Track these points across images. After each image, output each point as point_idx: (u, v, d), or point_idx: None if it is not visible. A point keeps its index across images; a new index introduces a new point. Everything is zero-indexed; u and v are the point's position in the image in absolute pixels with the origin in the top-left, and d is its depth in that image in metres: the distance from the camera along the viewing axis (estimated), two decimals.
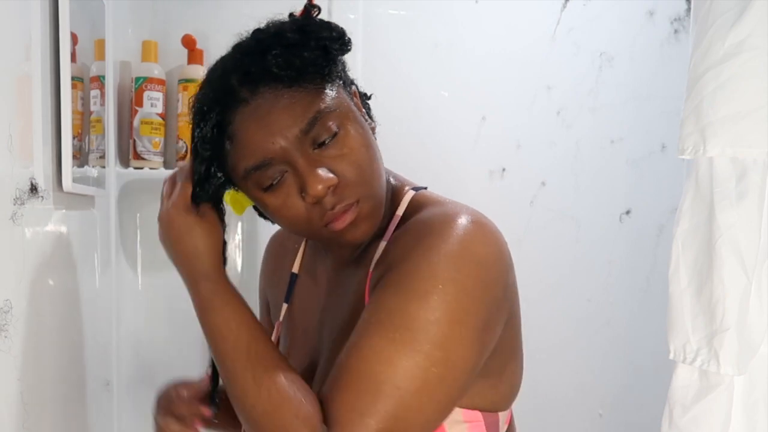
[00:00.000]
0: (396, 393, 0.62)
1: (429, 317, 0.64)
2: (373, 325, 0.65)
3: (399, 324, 0.64)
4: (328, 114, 0.69)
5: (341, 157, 0.69)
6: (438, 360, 0.63)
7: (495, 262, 0.69)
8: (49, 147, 0.87)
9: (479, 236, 0.69)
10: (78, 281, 1.02)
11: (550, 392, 1.57)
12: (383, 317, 0.65)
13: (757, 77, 0.80)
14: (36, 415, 0.79)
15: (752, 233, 0.82)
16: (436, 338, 0.63)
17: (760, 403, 0.85)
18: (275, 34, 0.70)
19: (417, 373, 0.63)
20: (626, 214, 1.61)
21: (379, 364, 0.63)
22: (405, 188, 0.79)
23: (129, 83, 1.34)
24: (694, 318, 0.86)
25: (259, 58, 0.68)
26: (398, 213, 0.77)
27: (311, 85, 0.69)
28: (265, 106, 0.68)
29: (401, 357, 0.63)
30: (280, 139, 0.68)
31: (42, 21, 0.84)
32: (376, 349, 0.64)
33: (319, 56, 0.69)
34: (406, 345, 0.63)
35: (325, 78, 0.70)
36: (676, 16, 1.57)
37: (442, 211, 0.72)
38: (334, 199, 0.69)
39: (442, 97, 1.51)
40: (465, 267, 0.66)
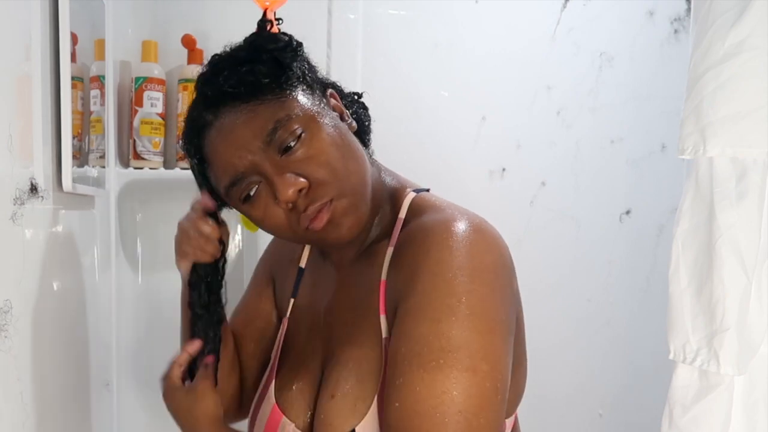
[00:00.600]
0: (461, 418, 0.61)
1: (463, 333, 0.63)
2: (414, 359, 0.64)
3: (438, 349, 0.63)
4: (288, 120, 0.71)
5: (309, 159, 0.71)
6: (486, 373, 0.63)
7: (501, 268, 0.70)
8: (49, 147, 0.87)
9: (483, 245, 0.69)
10: (78, 281, 1.02)
11: (550, 392, 1.57)
12: (420, 348, 0.64)
13: (757, 77, 0.80)
14: (36, 415, 0.79)
15: (752, 233, 0.82)
16: (477, 352, 0.63)
17: (760, 403, 0.85)
18: (227, 55, 0.75)
19: (474, 391, 0.62)
20: (626, 214, 1.61)
21: (436, 397, 0.62)
22: (406, 190, 0.80)
23: (129, 83, 1.34)
24: (694, 318, 0.86)
25: (214, 81, 0.73)
26: (401, 216, 0.77)
27: (269, 96, 0.72)
28: (228, 125, 0.72)
29: (452, 381, 0.62)
30: (246, 153, 0.71)
31: (42, 21, 0.84)
32: (426, 382, 0.62)
33: (271, 67, 0.72)
34: (453, 368, 0.62)
35: (283, 86, 0.72)
36: (676, 16, 1.57)
37: (443, 218, 0.72)
38: (307, 201, 0.71)
39: (442, 97, 1.51)
40: (478, 278, 0.66)
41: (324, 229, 0.72)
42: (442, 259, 0.67)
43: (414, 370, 0.63)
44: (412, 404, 0.62)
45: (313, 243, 0.77)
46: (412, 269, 0.68)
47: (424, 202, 0.77)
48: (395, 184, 0.81)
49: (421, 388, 0.62)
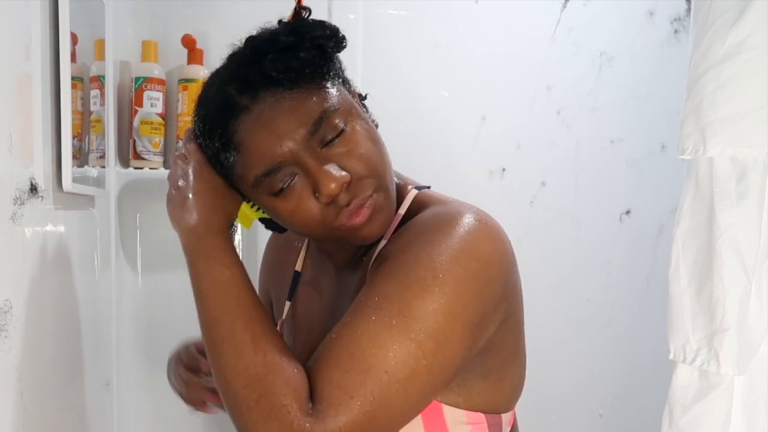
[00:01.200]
0: (384, 378, 0.62)
1: (426, 307, 0.63)
2: (370, 308, 0.64)
3: (396, 310, 0.63)
4: (332, 112, 0.69)
5: (349, 153, 0.69)
6: (429, 351, 0.63)
7: (497, 260, 0.69)
8: (49, 147, 0.87)
9: (483, 234, 0.69)
10: (78, 281, 1.02)
11: (550, 392, 1.57)
12: (380, 302, 0.64)
13: (757, 77, 0.80)
14: (36, 415, 0.79)
15: (752, 233, 0.82)
16: (431, 329, 0.63)
17: (760, 403, 0.85)
18: (269, 39, 0.70)
19: (408, 361, 0.62)
20: (626, 214, 1.61)
21: (372, 348, 0.62)
22: (408, 187, 0.80)
23: (129, 83, 1.34)
24: (694, 318, 0.86)
25: (256, 65, 0.68)
26: (400, 212, 0.76)
27: (312, 85, 0.69)
28: (269, 112, 0.68)
29: (394, 343, 0.62)
30: (288, 141, 0.68)
31: (42, 21, 0.84)
32: (370, 331, 0.63)
33: (315, 56, 0.70)
34: (401, 332, 0.63)
35: (324, 77, 0.71)
36: (676, 16, 1.57)
37: (446, 209, 0.72)
38: (349, 196, 0.69)
39: (442, 97, 1.51)
40: (465, 262, 0.66)
41: (363, 223, 0.71)
42: (434, 239, 0.67)
43: (365, 317, 0.64)
44: (348, 342, 0.63)
45: (340, 239, 0.74)
46: (400, 245, 0.69)
47: (428, 197, 0.77)
48: (398, 182, 0.81)
49: (363, 333, 0.63)
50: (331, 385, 0.62)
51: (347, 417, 0.60)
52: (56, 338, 0.90)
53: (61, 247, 0.93)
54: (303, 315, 0.86)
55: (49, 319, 0.86)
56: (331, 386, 0.62)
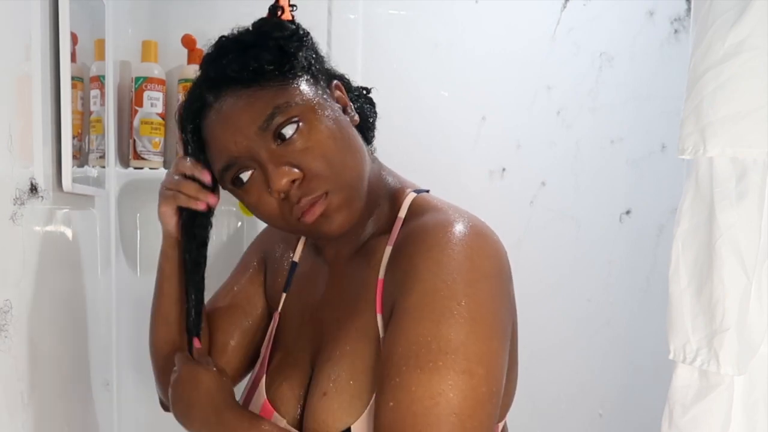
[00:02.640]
0: (456, 420, 0.61)
1: (461, 336, 0.63)
2: (411, 359, 0.64)
3: (436, 350, 0.63)
4: (287, 109, 0.70)
5: (306, 150, 0.70)
6: (482, 376, 0.63)
7: (500, 273, 0.70)
8: (49, 147, 0.87)
9: (484, 249, 0.69)
10: (78, 281, 1.02)
11: (550, 392, 1.57)
12: (418, 349, 0.64)
13: (757, 77, 0.81)
14: (36, 415, 0.79)
15: (752, 233, 0.82)
16: (474, 356, 0.63)
17: (760, 403, 0.85)
18: (234, 38, 0.74)
19: (469, 394, 0.62)
20: (626, 214, 1.61)
21: (431, 398, 0.62)
22: (406, 190, 0.80)
23: (129, 83, 1.34)
24: (694, 318, 0.86)
25: (218, 64, 0.73)
26: (400, 215, 0.77)
27: (271, 83, 0.71)
28: (227, 109, 0.72)
29: (450, 383, 0.62)
30: (241, 137, 0.71)
31: (42, 21, 0.84)
32: (423, 383, 0.62)
33: (276, 55, 0.71)
34: (450, 369, 0.62)
35: (286, 74, 0.72)
36: (676, 16, 1.57)
37: (444, 219, 0.71)
38: (300, 193, 0.71)
39: (442, 97, 1.51)
40: (478, 282, 0.67)
41: (316, 222, 0.72)
42: (442, 260, 0.66)
43: (411, 370, 0.63)
44: (408, 404, 0.62)
45: (305, 234, 0.77)
46: (410, 268, 0.68)
47: (425, 202, 0.77)
48: (395, 183, 0.81)
49: (416, 388, 0.62)
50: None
51: None
52: (56, 338, 0.90)
53: (61, 247, 0.93)
54: (298, 307, 0.86)
55: (49, 319, 0.86)
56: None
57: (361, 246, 0.79)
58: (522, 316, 0.78)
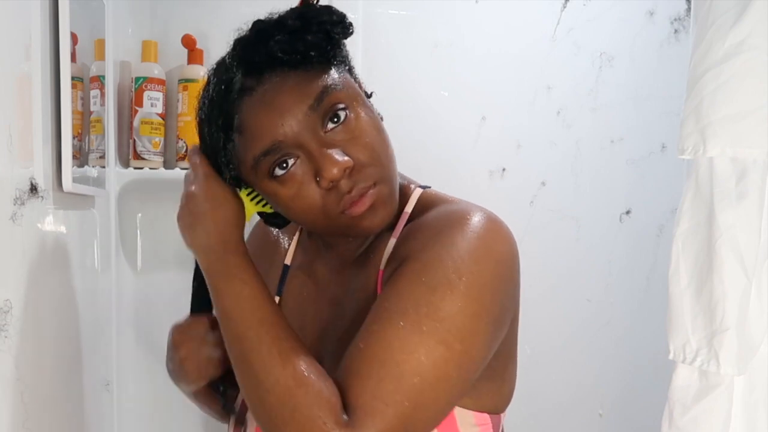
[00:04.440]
0: (417, 382, 0.62)
1: (452, 309, 0.64)
2: (397, 313, 0.64)
3: (424, 314, 0.63)
4: (335, 91, 0.68)
5: (354, 139, 0.68)
6: (457, 352, 0.63)
7: (512, 261, 0.70)
8: (49, 147, 0.87)
9: (498, 235, 0.69)
10: (78, 281, 1.02)
11: (550, 392, 1.57)
12: (407, 306, 0.64)
13: (757, 77, 0.80)
14: (36, 415, 0.79)
15: (752, 233, 0.82)
16: (458, 331, 0.64)
17: (760, 403, 0.85)
18: (276, 22, 0.69)
19: (438, 364, 0.63)
20: (626, 214, 1.61)
21: (403, 353, 0.62)
22: (411, 186, 0.79)
23: (129, 83, 1.34)
24: (693, 318, 0.86)
25: (262, 47, 0.67)
26: (407, 210, 0.76)
27: (317, 67, 0.69)
28: (272, 91, 0.68)
29: (425, 347, 0.62)
30: (290, 118, 0.67)
31: (42, 21, 0.84)
32: (400, 337, 0.63)
33: (321, 39, 0.68)
34: (431, 336, 0.63)
35: (330, 61, 0.70)
36: (676, 16, 1.57)
37: (457, 208, 0.72)
38: (351, 183, 0.68)
39: (442, 97, 1.51)
40: (485, 263, 0.66)
41: (362, 215, 0.69)
42: (454, 239, 0.67)
43: (394, 323, 0.64)
44: (378, 350, 0.63)
45: (338, 230, 0.72)
46: (419, 245, 0.68)
47: (435, 196, 0.77)
48: (401, 180, 0.80)
49: (393, 339, 0.63)
50: (365, 394, 0.62)
51: (383, 425, 0.60)
52: (56, 338, 0.90)
53: (61, 247, 0.93)
54: (294, 311, 0.85)
55: (49, 319, 0.86)
56: (365, 396, 0.62)
57: (368, 245, 0.78)
58: (522, 316, 0.78)
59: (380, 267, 0.73)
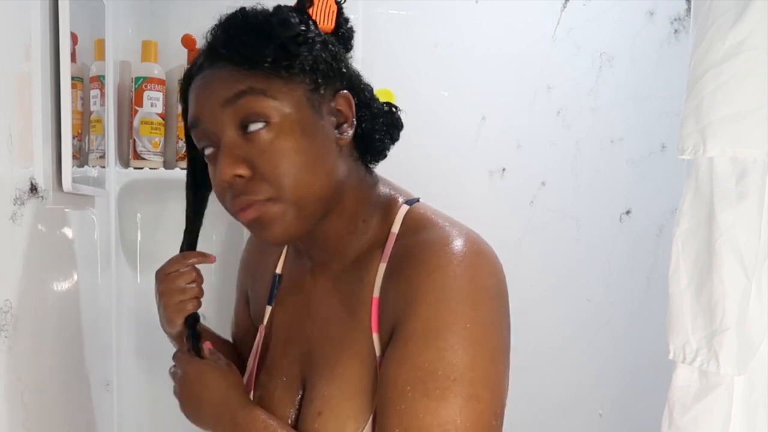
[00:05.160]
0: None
1: (466, 361, 0.64)
2: (418, 385, 0.64)
3: (442, 377, 0.63)
4: (254, 99, 0.68)
5: (264, 153, 0.68)
6: (488, 400, 0.64)
7: (500, 292, 0.70)
8: (49, 147, 0.87)
9: (485, 269, 0.69)
10: (78, 281, 1.02)
11: (550, 392, 1.57)
12: (424, 375, 0.64)
13: (757, 77, 0.81)
14: (36, 415, 0.79)
15: (752, 233, 0.82)
16: (479, 380, 0.64)
17: (760, 403, 0.85)
18: (245, 16, 0.72)
19: (476, 419, 0.63)
20: (626, 214, 1.61)
21: (441, 426, 0.62)
22: (398, 202, 0.78)
23: (129, 83, 1.34)
24: (693, 318, 0.86)
25: (220, 35, 0.73)
26: (393, 230, 0.75)
27: (259, 72, 0.68)
28: (210, 76, 0.71)
29: (457, 409, 0.62)
30: (209, 107, 0.70)
31: (42, 21, 0.84)
32: (431, 410, 0.62)
33: (276, 52, 0.69)
34: (458, 396, 0.63)
35: (280, 72, 0.69)
36: (676, 16, 1.57)
37: (443, 237, 0.70)
38: (242, 189, 0.69)
39: (442, 97, 1.51)
40: (481, 304, 0.66)
41: (249, 224, 0.71)
42: (445, 284, 0.66)
43: (418, 397, 0.63)
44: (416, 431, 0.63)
45: None
46: (412, 291, 0.67)
47: (420, 216, 0.75)
48: (388, 194, 0.79)
49: (425, 415, 0.62)
50: None
51: None
52: (56, 338, 0.90)
53: (61, 247, 0.93)
54: (283, 321, 0.85)
55: (49, 319, 0.86)
56: None
57: (353, 261, 0.77)
58: (522, 317, 0.78)
59: (374, 294, 0.72)
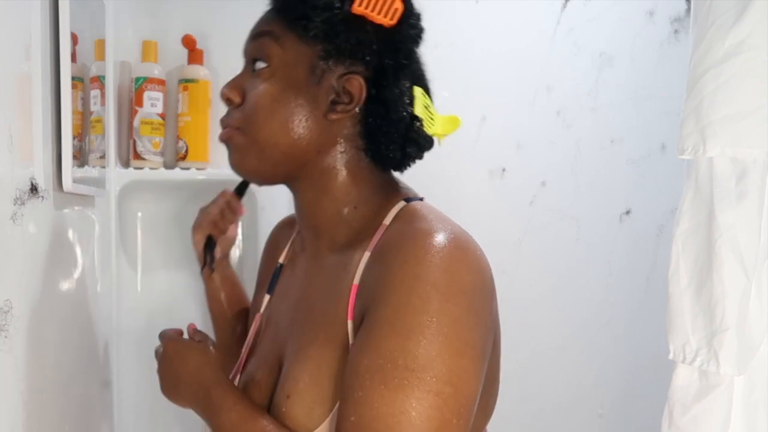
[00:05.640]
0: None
1: (430, 353, 0.61)
2: (377, 374, 0.62)
3: (403, 367, 0.61)
4: (272, 42, 0.76)
5: (253, 88, 0.76)
6: (450, 396, 0.61)
7: (480, 289, 0.67)
8: (49, 147, 0.87)
9: (464, 263, 0.66)
10: (78, 281, 1.02)
11: (550, 392, 1.57)
12: (384, 363, 0.62)
13: (757, 77, 0.81)
14: (36, 415, 0.79)
15: (752, 233, 0.82)
16: (443, 374, 0.61)
17: (760, 403, 0.85)
18: None
19: (433, 414, 0.60)
20: (626, 214, 1.61)
21: (394, 416, 0.60)
22: (398, 198, 0.78)
23: (129, 83, 1.34)
24: (693, 318, 0.86)
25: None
26: (384, 222, 0.74)
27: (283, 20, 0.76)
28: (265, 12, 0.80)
29: (414, 402, 0.60)
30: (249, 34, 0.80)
31: (42, 21, 0.84)
32: (385, 399, 0.60)
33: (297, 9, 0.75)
34: (416, 388, 0.60)
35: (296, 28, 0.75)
36: (676, 16, 1.57)
37: (424, 229, 0.69)
38: (230, 111, 0.79)
39: (442, 97, 1.51)
40: (454, 297, 0.64)
41: (223, 143, 0.80)
42: (419, 274, 0.64)
43: (375, 385, 0.61)
44: (369, 420, 0.61)
45: None
46: (385, 278, 0.66)
47: (413, 211, 0.74)
48: (391, 190, 0.79)
49: (380, 404, 0.60)
50: None
51: None
52: (56, 338, 0.90)
53: (61, 247, 0.93)
54: (276, 307, 0.87)
55: (49, 319, 0.86)
56: None
57: (341, 247, 0.78)
58: (522, 317, 0.78)
59: (354, 281, 0.72)
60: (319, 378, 0.70)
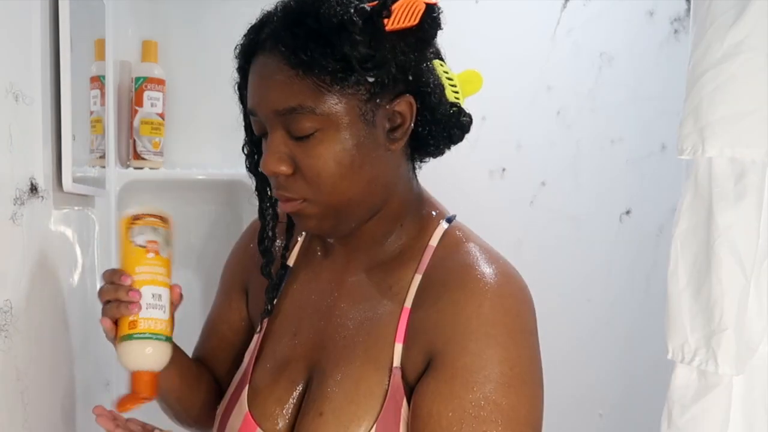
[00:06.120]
0: None
1: (512, 401, 0.66)
2: (464, 425, 0.65)
3: (487, 419, 0.65)
4: (306, 114, 0.67)
5: (307, 157, 0.69)
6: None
7: (536, 326, 0.72)
8: (49, 147, 0.87)
9: (526, 304, 0.72)
10: (78, 281, 1.02)
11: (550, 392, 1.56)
12: (470, 417, 0.65)
13: (756, 77, 0.80)
14: (36, 415, 0.79)
15: (751, 233, 0.82)
16: (524, 418, 0.66)
17: (758, 403, 0.85)
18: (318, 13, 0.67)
19: None
20: (626, 214, 1.61)
21: None
22: (436, 216, 0.80)
23: (129, 83, 1.34)
24: (692, 318, 0.86)
25: (287, 26, 0.68)
26: (432, 243, 0.76)
27: (312, 82, 0.67)
28: (267, 70, 0.69)
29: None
30: (264, 107, 0.70)
31: (42, 21, 0.84)
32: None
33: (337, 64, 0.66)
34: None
35: (335, 82, 0.67)
36: (676, 16, 1.57)
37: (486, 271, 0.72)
38: (283, 183, 0.71)
39: None
40: (525, 340, 0.69)
41: (291, 215, 0.76)
42: (495, 319, 0.68)
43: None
44: None
45: None
46: (461, 320, 0.68)
47: (461, 235, 0.77)
48: (428, 207, 0.81)
49: None
50: None
51: None
52: (56, 338, 0.90)
53: (61, 247, 0.93)
54: (292, 314, 0.83)
55: (49, 319, 0.86)
56: None
57: (382, 263, 0.77)
58: None
59: (406, 304, 0.73)
60: (356, 396, 0.71)
